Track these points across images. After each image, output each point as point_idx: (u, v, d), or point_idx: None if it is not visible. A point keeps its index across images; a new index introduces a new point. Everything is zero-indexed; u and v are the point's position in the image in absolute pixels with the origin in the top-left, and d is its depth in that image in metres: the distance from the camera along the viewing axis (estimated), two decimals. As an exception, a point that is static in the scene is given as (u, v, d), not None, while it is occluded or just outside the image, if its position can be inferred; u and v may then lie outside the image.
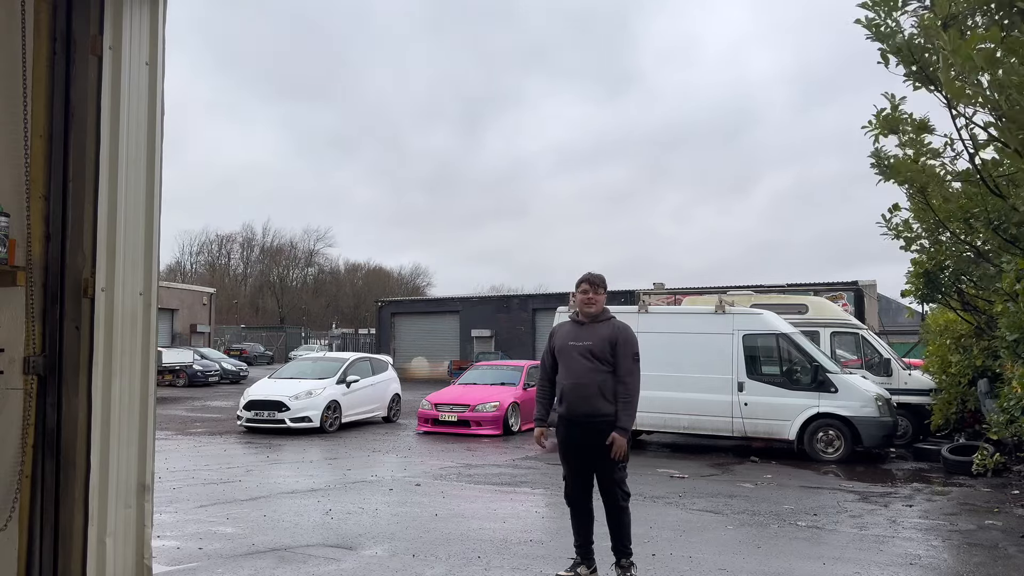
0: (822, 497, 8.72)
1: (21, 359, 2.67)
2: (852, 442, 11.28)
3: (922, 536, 6.93)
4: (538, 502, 8.34)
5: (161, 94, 3.01)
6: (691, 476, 10.04)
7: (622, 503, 5.14)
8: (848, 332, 14.37)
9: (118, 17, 2.84)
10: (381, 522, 7.10)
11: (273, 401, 14.60)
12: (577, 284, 5.40)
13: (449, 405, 14.84)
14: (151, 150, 2.97)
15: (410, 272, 74.86)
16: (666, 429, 12.67)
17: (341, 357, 17.18)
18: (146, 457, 2.92)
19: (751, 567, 5.77)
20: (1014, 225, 7.37)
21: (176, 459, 10.93)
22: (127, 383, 2.85)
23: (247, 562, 5.70)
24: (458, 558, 5.86)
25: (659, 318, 12.77)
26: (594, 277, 5.33)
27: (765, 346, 12.22)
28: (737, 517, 7.54)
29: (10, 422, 2.67)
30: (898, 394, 12.69)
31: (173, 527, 6.74)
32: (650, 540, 6.39)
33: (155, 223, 2.98)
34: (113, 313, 2.80)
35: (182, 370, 28.19)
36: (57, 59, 2.78)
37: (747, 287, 22.72)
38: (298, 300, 69.42)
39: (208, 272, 67.28)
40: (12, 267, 2.62)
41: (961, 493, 9.08)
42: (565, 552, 5.62)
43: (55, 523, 2.71)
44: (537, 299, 36.10)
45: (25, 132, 2.69)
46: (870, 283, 25.17)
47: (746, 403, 11.84)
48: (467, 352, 35.25)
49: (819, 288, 23.31)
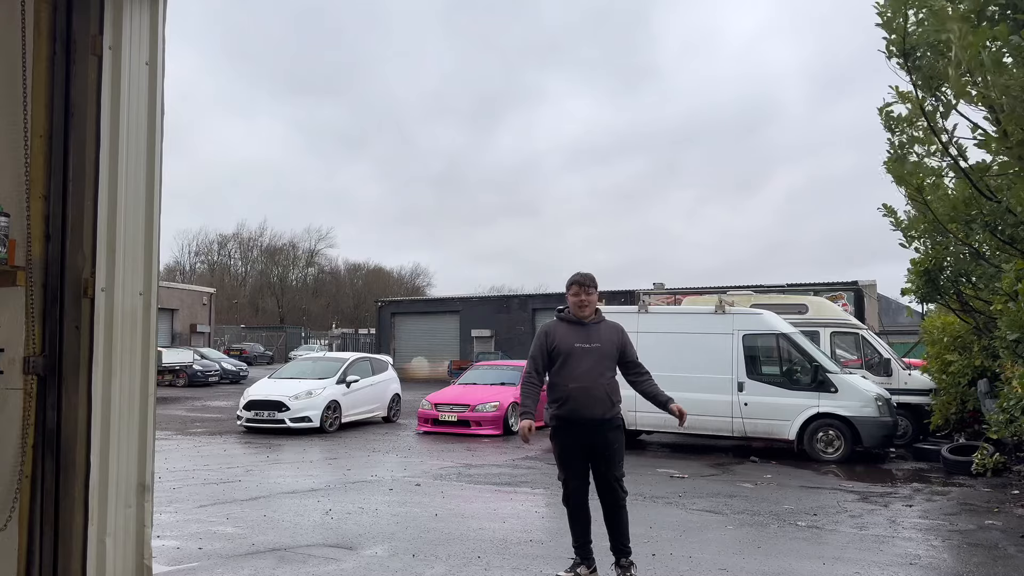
0: (822, 497, 8.72)
1: (21, 359, 2.67)
2: (852, 442, 11.28)
3: (922, 536, 6.93)
4: (538, 502, 8.34)
5: (161, 94, 3.01)
6: (691, 476, 10.04)
7: (622, 502, 5.19)
8: (848, 332, 14.37)
9: (118, 17, 2.84)
10: (381, 522, 7.10)
11: (273, 401, 14.60)
12: (567, 286, 5.40)
13: (449, 405, 14.84)
14: (151, 150, 2.97)
15: (410, 272, 74.93)
16: (666, 429, 12.66)
17: (341, 357, 17.17)
18: (146, 457, 2.92)
19: (751, 567, 5.77)
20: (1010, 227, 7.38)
21: (176, 459, 10.93)
22: (127, 383, 2.85)
23: (247, 562, 5.70)
24: (458, 558, 5.86)
25: (659, 318, 12.77)
26: (583, 278, 5.31)
27: (765, 346, 12.22)
28: (737, 517, 7.54)
29: (10, 422, 2.67)
30: (898, 394, 12.69)
31: (173, 527, 6.74)
32: (650, 540, 6.39)
33: (155, 223, 2.98)
34: (113, 313, 2.80)
35: (182, 370, 28.19)
36: (57, 59, 2.77)
37: (747, 287, 22.72)
38: (298, 300, 69.40)
39: (208, 272, 67.27)
40: (12, 267, 2.62)
41: (961, 493, 9.08)
42: (565, 552, 5.62)
43: (55, 523, 2.71)
44: (537, 299, 36.10)
45: (25, 132, 2.69)
46: (870, 283, 25.18)
47: (746, 403, 11.84)
48: (467, 352, 35.24)
49: (819, 288, 23.33)
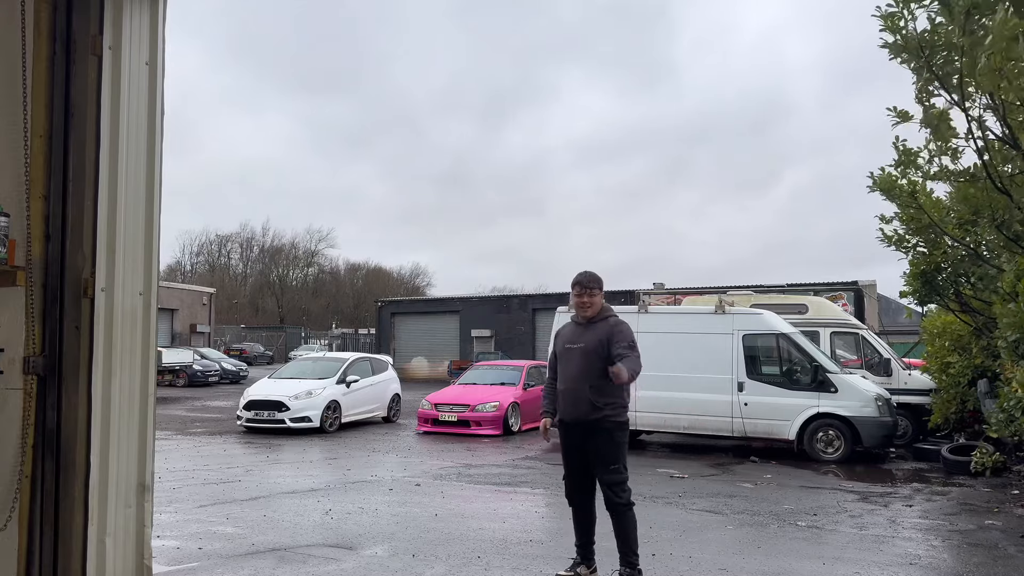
0: (822, 497, 8.72)
1: (21, 359, 2.67)
2: (852, 442, 11.28)
3: (922, 536, 6.93)
4: (538, 502, 8.34)
5: (161, 94, 3.01)
6: (691, 476, 10.04)
7: (621, 508, 5.03)
8: (848, 332, 14.37)
9: (118, 17, 2.84)
10: (381, 522, 7.10)
11: (273, 401, 14.59)
12: (571, 287, 5.38)
13: (449, 405, 14.83)
14: (151, 150, 2.97)
15: (410, 272, 74.91)
16: (666, 429, 12.67)
17: (341, 357, 17.17)
18: (146, 457, 2.93)
19: (751, 567, 5.77)
20: (1018, 223, 7.39)
21: (176, 459, 10.93)
22: (127, 383, 2.85)
23: (247, 562, 5.70)
24: (458, 558, 5.86)
25: (659, 318, 12.76)
26: (584, 279, 5.24)
27: (765, 346, 12.22)
28: (737, 517, 7.54)
29: (10, 422, 2.67)
30: (898, 394, 12.69)
31: (173, 527, 6.73)
32: (650, 540, 6.39)
33: (155, 223, 2.98)
34: (113, 313, 2.80)
35: (182, 370, 28.17)
36: (57, 59, 2.78)
37: (747, 287, 22.72)
38: (298, 300, 69.39)
39: (208, 272, 67.28)
40: (12, 267, 2.62)
41: (961, 493, 9.08)
42: (565, 552, 5.62)
43: (55, 523, 2.71)
44: (537, 299, 36.09)
45: (25, 132, 2.69)
46: (870, 283, 25.18)
47: (746, 403, 11.83)
48: (467, 352, 35.23)
49: (819, 288, 23.34)
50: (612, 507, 5.07)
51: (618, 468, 5.06)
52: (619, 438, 5.11)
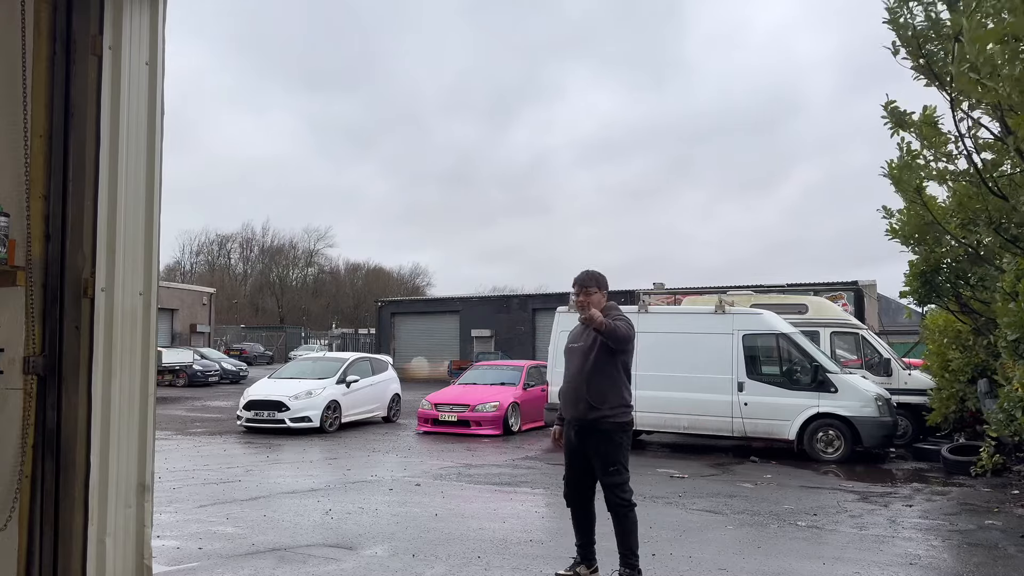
0: (822, 497, 8.72)
1: (21, 359, 2.67)
2: (852, 442, 11.28)
3: (922, 536, 6.93)
4: (538, 502, 8.34)
5: (161, 94, 3.01)
6: (691, 476, 10.04)
7: (622, 509, 5.00)
8: (848, 332, 14.37)
9: (118, 17, 2.84)
10: (381, 522, 7.10)
11: (273, 401, 14.59)
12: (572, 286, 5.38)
13: (449, 405, 14.84)
14: (151, 150, 2.97)
15: (410, 272, 74.90)
16: (666, 429, 12.67)
17: (341, 357, 17.17)
18: (146, 457, 2.92)
19: (751, 567, 5.77)
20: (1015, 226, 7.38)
21: (176, 459, 10.93)
22: (127, 383, 2.85)
23: (247, 562, 5.70)
24: (458, 558, 5.86)
25: (659, 318, 12.76)
26: (582, 278, 5.20)
27: (765, 346, 12.22)
28: (737, 517, 7.54)
29: (10, 422, 2.67)
30: (898, 394, 12.69)
31: (173, 527, 6.73)
32: (650, 540, 6.38)
33: (155, 223, 2.98)
34: (113, 313, 2.80)
35: (182, 370, 28.18)
36: (57, 59, 2.77)
37: (747, 287, 22.72)
38: (298, 300, 69.40)
39: (208, 272, 67.28)
40: (12, 267, 2.62)
41: (961, 493, 9.08)
42: (565, 552, 5.62)
43: (55, 523, 2.71)
44: (537, 299, 36.08)
45: (25, 132, 2.69)
46: (870, 283, 25.17)
47: (746, 403, 11.83)
48: (467, 352, 35.23)
49: (819, 288, 23.32)
50: (613, 507, 5.05)
51: (617, 469, 5.02)
52: (618, 439, 5.05)
